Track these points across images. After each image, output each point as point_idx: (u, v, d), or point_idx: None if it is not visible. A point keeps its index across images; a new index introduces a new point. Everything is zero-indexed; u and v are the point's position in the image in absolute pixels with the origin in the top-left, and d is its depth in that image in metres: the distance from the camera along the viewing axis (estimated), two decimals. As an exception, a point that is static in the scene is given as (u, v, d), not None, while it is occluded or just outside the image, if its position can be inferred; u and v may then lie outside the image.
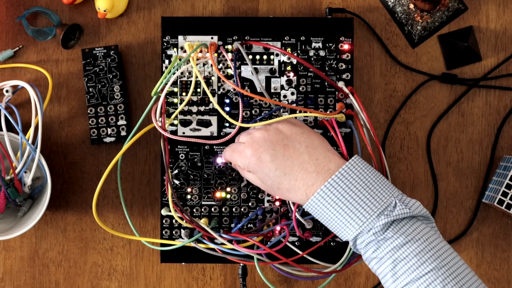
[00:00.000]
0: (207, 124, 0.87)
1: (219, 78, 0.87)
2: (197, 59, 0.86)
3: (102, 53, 0.91)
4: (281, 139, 0.77)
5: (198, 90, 0.87)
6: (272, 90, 0.87)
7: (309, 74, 0.87)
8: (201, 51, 0.87)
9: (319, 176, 0.74)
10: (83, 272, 0.95)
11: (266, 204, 0.87)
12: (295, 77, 0.87)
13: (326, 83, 0.87)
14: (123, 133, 0.91)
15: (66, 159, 0.94)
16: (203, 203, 0.87)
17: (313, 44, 0.87)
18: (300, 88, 0.87)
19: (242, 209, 0.87)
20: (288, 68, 0.87)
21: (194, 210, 0.87)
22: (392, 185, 0.75)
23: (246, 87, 0.87)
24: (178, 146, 0.87)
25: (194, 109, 0.87)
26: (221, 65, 0.87)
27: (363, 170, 0.74)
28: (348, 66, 0.87)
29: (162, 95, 0.83)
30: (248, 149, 0.78)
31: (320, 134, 0.79)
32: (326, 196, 0.73)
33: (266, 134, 0.77)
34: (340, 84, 0.86)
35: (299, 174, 0.75)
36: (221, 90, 0.87)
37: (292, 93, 0.87)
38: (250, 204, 0.87)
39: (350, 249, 0.84)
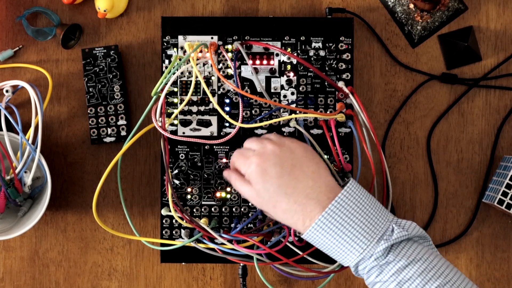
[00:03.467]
0: (207, 124, 0.87)
1: (219, 78, 0.87)
2: (197, 59, 0.86)
3: (102, 53, 0.91)
4: (291, 159, 0.76)
5: (198, 90, 0.87)
6: (272, 90, 0.87)
7: (309, 74, 0.87)
8: (201, 51, 0.87)
9: (319, 205, 0.73)
10: (83, 272, 0.95)
11: (266, 204, 0.87)
12: (295, 77, 0.87)
13: (326, 83, 0.87)
14: (123, 133, 0.91)
15: (66, 159, 0.94)
16: (203, 203, 0.87)
17: (313, 44, 0.87)
18: (300, 88, 0.87)
19: (242, 209, 0.87)
20: (288, 68, 0.87)
21: (194, 210, 0.87)
22: (384, 208, 0.76)
23: (246, 87, 0.87)
24: (178, 146, 0.87)
25: (194, 109, 0.87)
26: (221, 65, 0.87)
27: (359, 196, 0.74)
28: (348, 66, 0.87)
29: (162, 95, 0.83)
30: (255, 158, 0.77)
31: (325, 165, 0.78)
32: (324, 225, 0.73)
33: (278, 150, 0.77)
34: (340, 84, 0.86)
35: (299, 198, 0.74)
36: (221, 90, 0.87)
37: (292, 93, 0.87)
38: (250, 204, 0.87)
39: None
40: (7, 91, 0.89)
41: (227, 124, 0.87)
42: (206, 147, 0.87)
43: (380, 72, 0.94)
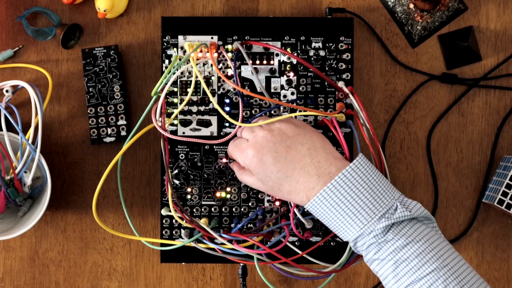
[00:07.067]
0: (207, 124, 0.87)
1: (219, 78, 0.87)
2: (197, 59, 0.86)
3: (102, 53, 0.91)
4: (283, 141, 0.77)
5: (198, 90, 0.87)
6: (272, 90, 0.87)
7: (309, 74, 0.87)
8: (201, 51, 0.87)
9: (320, 180, 0.74)
10: (83, 272, 0.95)
11: (266, 204, 0.87)
12: (295, 77, 0.87)
13: (326, 83, 0.87)
14: (123, 133, 0.91)
15: (66, 159, 0.94)
16: (203, 203, 0.87)
17: (313, 44, 0.87)
18: (300, 88, 0.87)
19: (242, 209, 0.87)
20: (288, 68, 0.87)
21: (194, 210, 0.87)
22: (392, 186, 0.75)
23: (246, 87, 0.87)
24: (178, 146, 0.87)
25: (194, 109, 0.87)
26: (221, 65, 0.87)
27: (366, 171, 0.74)
28: (348, 66, 0.87)
29: (162, 95, 0.83)
30: (250, 149, 0.77)
31: (322, 134, 0.79)
32: (328, 197, 0.73)
33: (269, 135, 0.77)
34: (340, 84, 0.86)
35: (300, 177, 0.75)
36: (221, 90, 0.87)
37: (292, 93, 0.87)
38: (250, 204, 0.87)
39: (350, 249, 0.84)
40: (7, 91, 0.89)
41: (227, 124, 0.87)
42: (206, 147, 0.87)
43: (380, 72, 0.94)
